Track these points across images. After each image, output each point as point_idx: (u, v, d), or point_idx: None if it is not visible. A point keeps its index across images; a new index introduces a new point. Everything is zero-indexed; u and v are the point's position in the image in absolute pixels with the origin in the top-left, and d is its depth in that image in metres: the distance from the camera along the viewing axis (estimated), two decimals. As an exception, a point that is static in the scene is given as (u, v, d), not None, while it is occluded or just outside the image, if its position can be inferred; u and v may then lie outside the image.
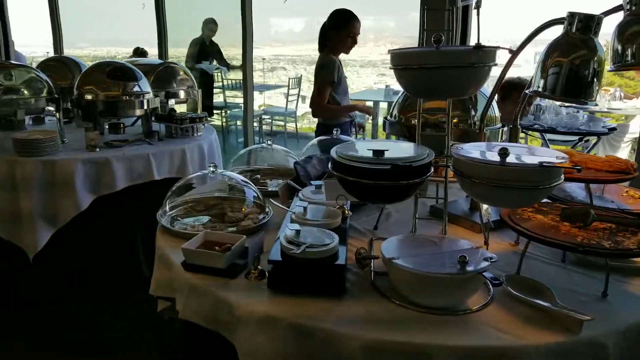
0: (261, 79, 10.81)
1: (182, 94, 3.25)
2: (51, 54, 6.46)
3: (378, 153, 1.11)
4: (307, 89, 7.00)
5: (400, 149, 1.24)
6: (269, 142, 2.03)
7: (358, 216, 1.63)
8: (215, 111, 6.64)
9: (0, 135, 2.77)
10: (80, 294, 2.71)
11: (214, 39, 6.49)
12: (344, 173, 1.16)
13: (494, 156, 1.14)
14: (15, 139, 2.57)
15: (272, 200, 1.50)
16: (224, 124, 6.78)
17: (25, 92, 2.83)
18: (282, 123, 6.96)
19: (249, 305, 1.16)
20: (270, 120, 6.83)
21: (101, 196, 2.61)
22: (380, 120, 5.73)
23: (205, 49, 6.29)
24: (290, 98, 6.83)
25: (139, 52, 5.91)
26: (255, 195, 1.65)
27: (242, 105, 6.78)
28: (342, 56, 3.40)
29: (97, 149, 2.67)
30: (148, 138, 2.90)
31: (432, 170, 1.19)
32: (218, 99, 6.96)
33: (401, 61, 1.21)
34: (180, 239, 1.51)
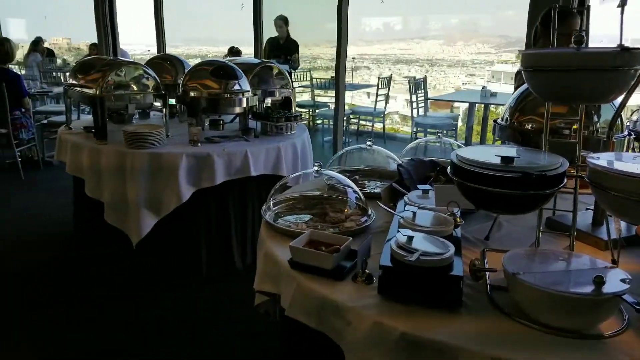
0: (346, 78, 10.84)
1: (277, 93, 3.32)
2: (152, 51, 6.92)
3: (507, 160, 1.05)
4: (393, 89, 6.91)
5: (529, 156, 1.16)
6: (369, 143, 2.01)
7: (467, 224, 1.56)
8: (301, 110, 6.74)
9: (112, 127, 3.01)
10: (178, 281, 2.85)
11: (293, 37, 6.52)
12: (466, 179, 1.11)
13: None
14: (126, 132, 2.77)
15: (379, 204, 1.48)
16: (310, 122, 6.88)
17: (136, 88, 3.04)
18: (367, 123, 6.93)
19: (359, 309, 1.14)
20: (356, 120, 6.82)
21: (200, 189, 2.74)
22: (468, 122, 5.52)
23: (278, 46, 6.27)
24: (374, 98, 6.78)
25: (234, 51, 6.16)
26: (358, 196, 1.64)
27: (331, 104, 6.87)
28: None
29: (199, 144, 2.80)
30: (245, 135, 2.99)
31: (566, 180, 1.10)
32: (300, 97, 7.06)
33: (534, 62, 1.13)
34: (284, 235, 1.53)
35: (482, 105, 5.37)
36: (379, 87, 6.41)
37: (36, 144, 5.23)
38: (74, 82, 3.10)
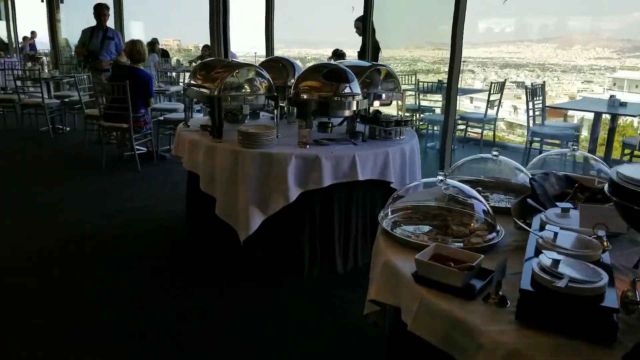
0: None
1: (386, 96, 3.28)
2: (258, 53, 7.19)
3: (685, 182, 0.93)
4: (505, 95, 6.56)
5: None
6: (494, 153, 1.90)
7: (611, 249, 1.41)
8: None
9: (227, 126, 3.15)
10: (280, 280, 2.92)
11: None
12: (631, 200, 0.99)
13: None
14: (240, 131, 2.89)
15: (516, 221, 1.39)
16: (414, 127, 6.74)
17: (250, 89, 3.16)
18: (473, 130, 6.66)
19: (493, 334, 1.08)
20: (463, 126, 6.57)
21: (307, 191, 2.79)
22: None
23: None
24: (477, 103, 6.50)
25: (338, 53, 6.23)
26: (486, 210, 1.55)
27: (436, 108, 6.69)
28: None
29: (308, 146, 2.85)
30: (353, 138, 3.00)
31: None
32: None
33: None
34: (404, 246, 1.50)
35: (609, 116, 4.91)
36: (491, 92, 6.12)
37: (152, 139, 5.67)
38: (193, 82, 3.30)
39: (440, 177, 1.60)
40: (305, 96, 2.94)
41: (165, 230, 3.74)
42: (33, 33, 13.38)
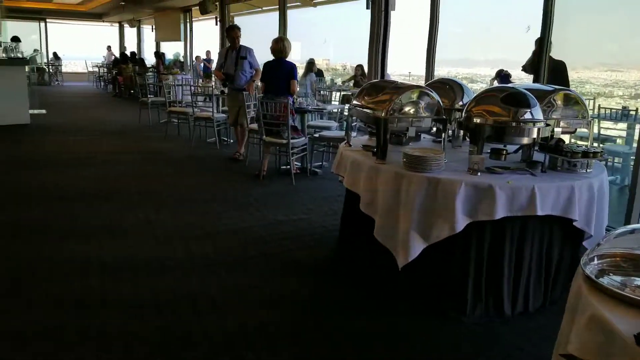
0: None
1: (570, 124, 3.01)
2: (413, 73, 7.14)
3: None
4: None
5: None
6: None
7: None
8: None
9: (390, 148, 3.15)
10: (440, 311, 2.81)
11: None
12: None
13: None
14: (406, 154, 2.87)
15: None
16: (603, 160, 6.09)
17: (418, 111, 3.13)
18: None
19: None
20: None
21: (476, 221, 2.65)
22: None
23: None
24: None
25: (503, 74, 5.94)
26: None
27: (618, 138, 5.99)
28: None
29: (479, 173, 2.72)
30: (531, 168, 2.79)
31: None
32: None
33: None
34: (617, 300, 1.32)
35: None
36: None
37: (307, 154, 5.95)
38: (360, 102, 3.37)
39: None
40: (478, 120, 2.83)
41: (320, 243, 3.87)
42: (207, 52, 15.08)
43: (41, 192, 4.98)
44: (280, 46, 5.75)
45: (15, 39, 11.35)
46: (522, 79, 5.68)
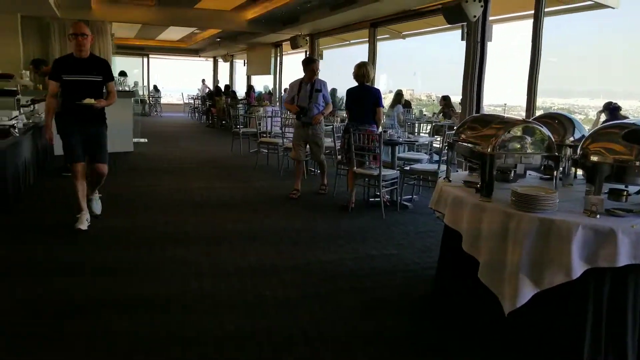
0: None
1: None
2: (509, 105, 6.90)
3: None
4: None
5: None
6: None
7: None
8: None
9: (495, 185, 3.04)
10: None
11: None
12: None
13: None
14: (515, 192, 2.75)
15: None
16: None
17: (527, 147, 3.01)
18: None
19: None
20: None
21: (594, 268, 2.46)
22: None
23: None
24: None
25: (612, 107, 5.58)
26: None
27: None
28: None
29: (598, 216, 2.54)
30: (658, 212, 2.56)
31: None
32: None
33: None
34: None
35: None
36: None
37: (397, 187, 5.90)
38: (462, 137, 3.30)
39: None
40: (597, 158, 2.66)
41: (414, 280, 3.79)
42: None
43: (150, 202, 5.33)
44: (363, 71, 5.77)
45: (123, 74, 12.47)
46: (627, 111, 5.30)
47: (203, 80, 22.34)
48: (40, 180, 6.96)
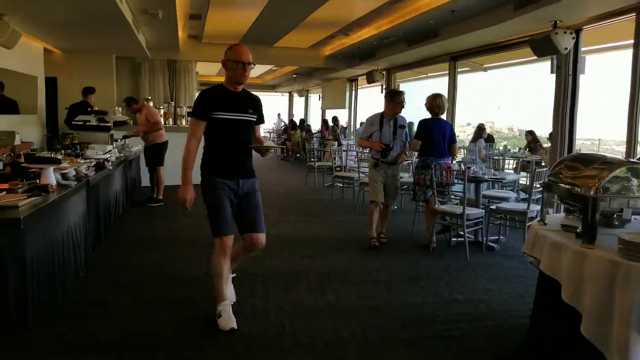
0: None
1: None
2: (605, 138, 6.50)
3: None
4: None
5: None
6: None
7: None
8: None
9: (598, 230, 2.84)
10: None
11: None
12: None
13: None
14: (623, 240, 2.55)
15: None
16: None
17: (631, 189, 2.80)
18: None
19: None
20: None
21: None
22: None
23: None
24: None
25: None
26: None
27: None
28: None
29: None
30: None
31: None
32: None
33: None
34: None
35: None
36: None
37: (482, 227, 5.68)
38: (558, 177, 3.14)
39: None
40: None
41: (505, 330, 3.58)
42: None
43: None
44: (438, 102, 5.63)
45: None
46: None
47: (279, 115, 23.08)
48: (128, 210, 7.41)
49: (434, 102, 5.66)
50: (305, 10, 8.29)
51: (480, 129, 9.68)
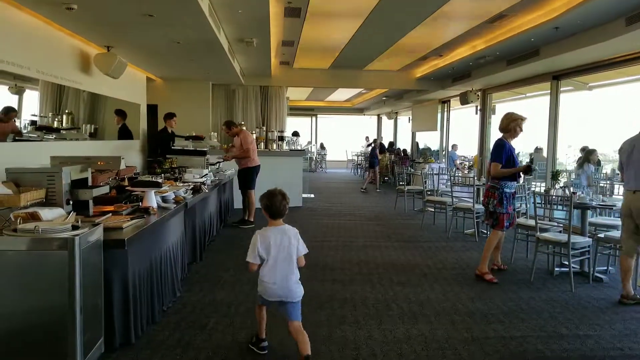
0: None
1: None
2: None
3: None
4: None
5: None
6: None
7: None
8: None
9: None
10: None
11: None
12: None
13: None
14: None
15: None
16: None
17: None
18: None
19: None
20: None
21: None
22: None
23: None
24: None
25: None
26: None
27: None
28: None
29: None
30: None
31: None
32: None
33: None
34: None
35: None
36: None
37: (588, 257, 5.33)
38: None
39: None
40: None
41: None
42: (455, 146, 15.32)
43: (317, 260, 5.58)
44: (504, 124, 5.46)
45: (296, 134, 13.58)
46: None
47: (367, 138, 23.19)
48: (221, 232, 7.81)
49: (505, 120, 5.50)
50: (394, 36, 8.41)
51: (589, 152, 9.07)
